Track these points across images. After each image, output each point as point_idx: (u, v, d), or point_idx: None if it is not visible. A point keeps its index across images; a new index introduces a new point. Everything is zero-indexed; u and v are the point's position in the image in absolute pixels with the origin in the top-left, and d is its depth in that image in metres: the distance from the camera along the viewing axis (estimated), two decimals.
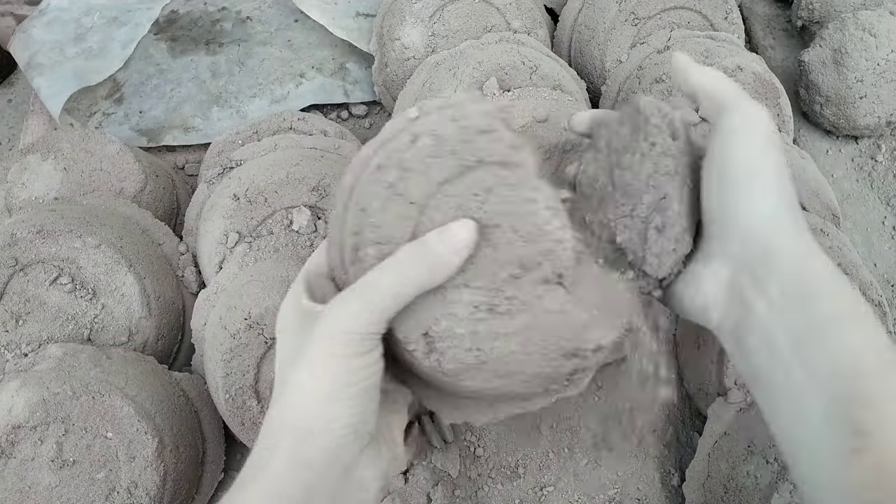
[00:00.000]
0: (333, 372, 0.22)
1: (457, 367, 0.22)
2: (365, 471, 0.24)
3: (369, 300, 0.22)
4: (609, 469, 0.42)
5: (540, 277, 0.22)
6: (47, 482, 0.35)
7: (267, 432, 0.23)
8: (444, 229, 0.22)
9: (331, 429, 0.22)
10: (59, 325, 0.41)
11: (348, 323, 0.22)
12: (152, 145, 0.59)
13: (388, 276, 0.22)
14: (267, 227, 0.42)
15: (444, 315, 0.22)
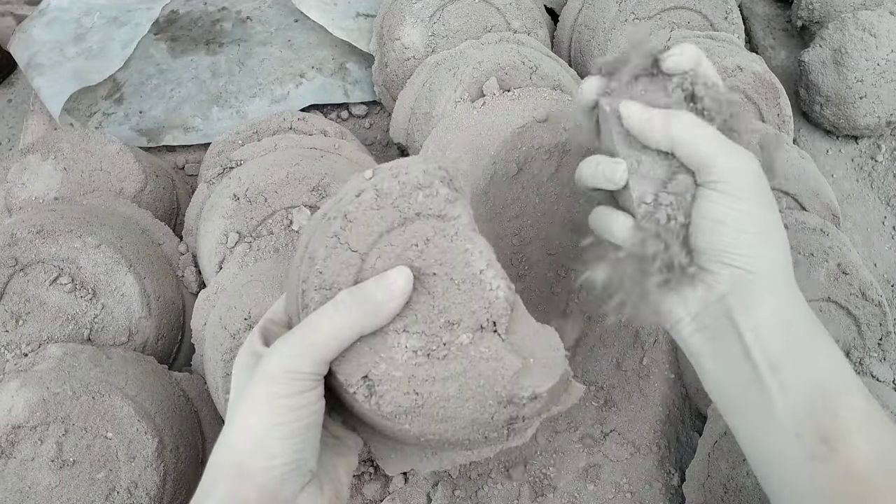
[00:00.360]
0: (273, 410, 0.23)
1: (395, 410, 0.23)
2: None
3: (309, 341, 0.23)
4: (609, 470, 0.42)
5: (474, 324, 0.23)
6: (47, 482, 0.35)
7: (207, 473, 0.24)
8: (381, 276, 0.23)
9: (270, 466, 0.23)
10: (59, 325, 0.41)
11: (288, 363, 0.23)
12: (152, 145, 0.59)
13: (327, 319, 0.23)
14: (267, 227, 0.42)
15: (384, 359, 0.23)
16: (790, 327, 0.26)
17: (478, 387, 0.23)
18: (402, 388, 0.23)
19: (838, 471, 0.23)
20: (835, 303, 0.42)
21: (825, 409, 0.24)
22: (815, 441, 0.24)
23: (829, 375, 0.25)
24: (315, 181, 0.43)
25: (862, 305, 0.42)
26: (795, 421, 0.24)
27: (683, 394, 0.45)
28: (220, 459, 0.24)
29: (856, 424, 0.24)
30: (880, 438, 0.24)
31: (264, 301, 0.37)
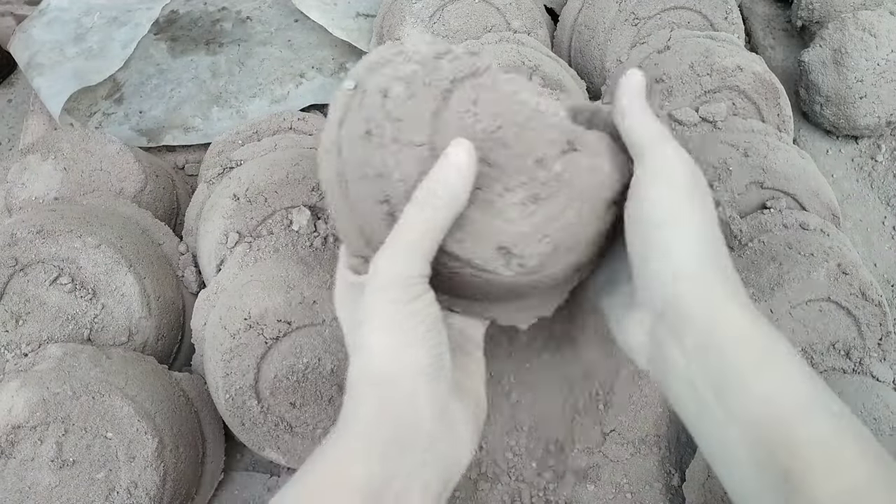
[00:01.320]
0: (395, 318, 0.23)
1: (537, 263, 0.24)
2: (456, 414, 0.24)
3: (406, 244, 0.23)
4: (609, 470, 0.42)
5: (558, 151, 0.24)
6: (47, 482, 0.35)
7: (351, 390, 0.24)
8: (442, 158, 0.23)
9: (409, 373, 0.23)
10: (59, 325, 0.41)
11: (395, 269, 0.23)
12: (152, 145, 0.59)
13: (416, 219, 0.23)
14: (267, 227, 0.42)
15: (505, 222, 0.23)
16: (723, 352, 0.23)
17: (590, 201, 0.24)
18: (536, 238, 0.23)
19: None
20: (835, 303, 0.42)
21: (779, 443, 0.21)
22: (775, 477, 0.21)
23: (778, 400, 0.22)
24: (315, 181, 0.43)
25: (862, 305, 0.42)
26: (753, 453, 0.22)
27: None
28: (359, 376, 0.23)
29: (819, 458, 0.21)
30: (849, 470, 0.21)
31: (264, 301, 0.38)
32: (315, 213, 0.43)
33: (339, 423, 0.24)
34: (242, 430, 0.39)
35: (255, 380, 0.38)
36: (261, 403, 0.38)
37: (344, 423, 0.23)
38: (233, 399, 0.38)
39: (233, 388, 0.38)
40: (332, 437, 0.23)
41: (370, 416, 0.23)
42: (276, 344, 0.38)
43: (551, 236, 0.24)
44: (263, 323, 0.37)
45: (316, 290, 0.38)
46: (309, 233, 0.42)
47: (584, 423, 0.41)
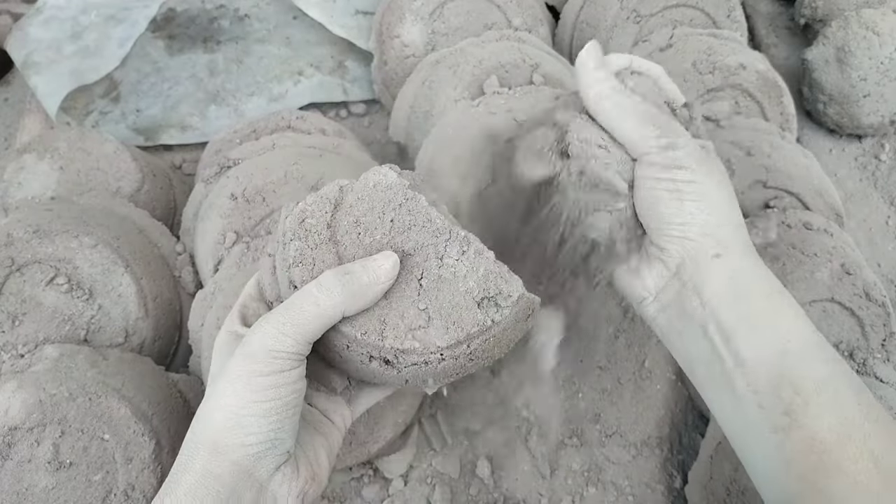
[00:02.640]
0: (252, 388, 0.23)
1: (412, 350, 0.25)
2: (280, 488, 0.24)
3: (293, 321, 0.23)
4: (612, 472, 0.42)
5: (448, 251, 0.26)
6: (44, 484, 0.34)
7: (183, 449, 0.24)
8: (367, 260, 0.24)
9: (245, 444, 0.23)
10: (56, 325, 0.40)
11: (270, 342, 0.23)
12: (149, 144, 0.58)
13: (312, 300, 0.23)
14: (265, 226, 0.42)
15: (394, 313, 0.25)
16: (744, 297, 0.25)
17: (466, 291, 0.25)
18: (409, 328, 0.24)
19: (801, 441, 0.23)
20: (838, 303, 0.41)
21: (784, 381, 0.24)
22: (777, 413, 0.24)
23: (788, 343, 0.24)
24: (313, 180, 0.42)
25: (865, 306, 0.41)
26: (757, 393, 0.24)
27: (685, 395, 0.45)
28: (196, 435, 0.24)
29: (817, 395, 0.23)
30: (842, 406, 0.23)
31: None
32: None
33: (167, 483, 0.24)
34: None
35: None
36: None
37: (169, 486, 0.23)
38: None
39: None
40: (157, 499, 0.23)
41: (193, 483, 0.23)
42: None
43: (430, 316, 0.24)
44: None
45: None
46: None
47: None
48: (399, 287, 0.24)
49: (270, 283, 0.27)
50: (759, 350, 0.24)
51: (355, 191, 0.26)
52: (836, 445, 0.23)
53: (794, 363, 0.24)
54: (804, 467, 0.23)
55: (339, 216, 0.25)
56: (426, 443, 0.42)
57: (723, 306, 0.25)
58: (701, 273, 0.26)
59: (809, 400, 0.23)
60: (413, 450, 0.41)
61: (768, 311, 0.25)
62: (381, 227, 0.25)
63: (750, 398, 0.24)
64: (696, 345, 0.26)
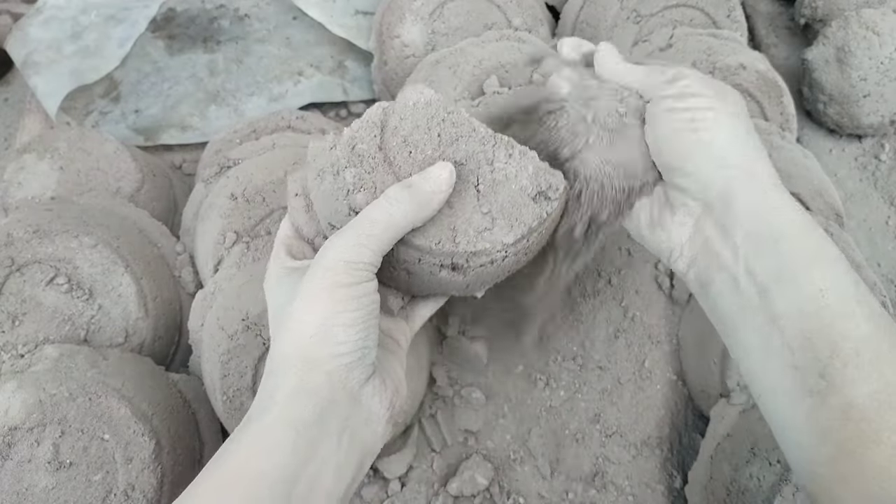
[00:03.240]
0: (335, 300, 0.23)
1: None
2: (371, 399, 0.25)
3: (367, 233, 0.24)
4: (612, 472, 0.42)
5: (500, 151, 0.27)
6: (44, 484, 0.34)
7: (270, 369, 0.24)
8: (426, 172, 0.25)
9: (337, 353, 0.23)
10: (56, 325, 0.40)
11: (347, 254, 0.23)
12: (149, 144, 0.58)
13: (382, 212, 0.24)
14: (265, 226, 0.42)
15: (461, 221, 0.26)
16: (780, 239, 0.23)
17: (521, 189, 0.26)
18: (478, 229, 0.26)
19: (836, 407, 0.21)
20: None
21: (822, 338, 0.22)
22: (812, 375, 0.21)
23: (826, 297, 0.22)
24: None
25: None
26: (792, 352, 0.22)
27: (686, 395, 0.45)
28: (283, 352, 0.24)
29: (856, 356, 0.21)
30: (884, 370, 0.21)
31: (262, 302, 0.37)
32: None
33: (256, 404, 0.24)
34: None
35: (253, 381, 0.38)
36: None
37: (260, 405, 0.23)
38: (230, 400, 0.37)
39: (230, 389, 0.37)
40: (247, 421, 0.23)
41: (288, 396, 0.23)
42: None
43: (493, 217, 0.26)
44: (261, 324, 0.37)
45: None
46: None
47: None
48: (458, 196, 0.25)
49: (307, 221, 0.28)
50: (796, 304, 0.22)
51: (397, 112, 0.27)
52: (875, 413, 0.21)
53: (833, 320, 0.21)
54: (840, 435, 0.21)
55: (387, 138, 0.26)
56: (426, 443, 0.42)
57: (757, 252, 0.23)
58: (730, 212, 0.23)
59: (848, 362, 0.21)
60: (413, 450, 0.41)
61: (806, 258, 0.22)
62: (430, 142, 0.26)
63: (785, 357, 0.22)
64: (728, 299, 0.24)
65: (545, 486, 0.41)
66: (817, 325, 0.22)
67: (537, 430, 0.43)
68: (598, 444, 0.43)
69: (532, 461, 0.42)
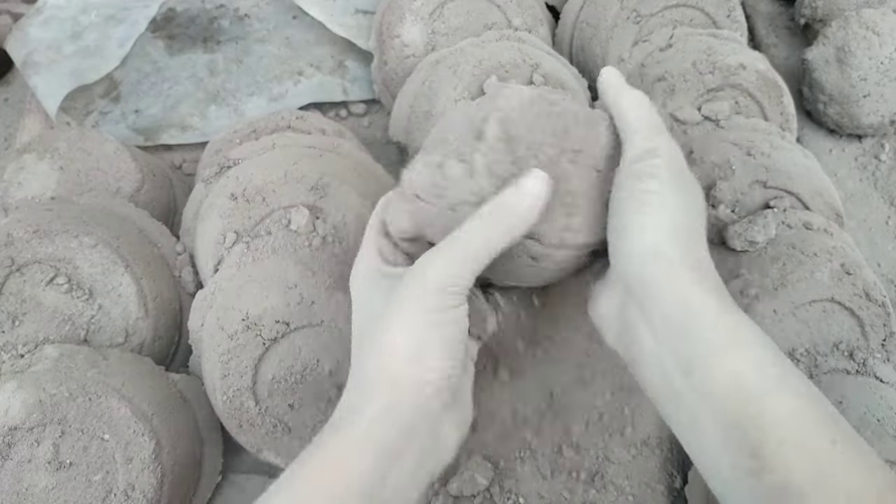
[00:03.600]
0: (429, 323, 0.23)
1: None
2: (447, 427, 0.24)
3: (463, 254, 0.23)
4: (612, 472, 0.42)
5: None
6: (44, 484, 0.34)
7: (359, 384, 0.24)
8: (518, 185, 0.24)
9: (426, 380, 0.23)
10: (56, 325, 0.40)
11: (441, 278, 0.23)
12: (149, 144, 0.58)
13: (479, 233, 0.23)
14: (265, 226, 0.42)
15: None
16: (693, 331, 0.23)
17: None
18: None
19: (773, 486, 0.21)
20: (838, 303, 0.41)
21: (748, 420, 0.21)
22: (746, 456, 0.21)
23: (747, 378, 0.22)
24: (314, 180, 0.42)
25: (865, 306, 0.41)
26: (723, 432, 0.22)
27: None
28: (372, 369, 0.24)
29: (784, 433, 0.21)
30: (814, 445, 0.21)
31: (262, 302, 0.37)
32: (314, 212, 0.42)
33: (340, 415, 0.24)
34: (240, 431, 0.38)
35: (253, 381, 0.38)
36: (259, 405, 0.38)
37: (346, 417, 0.23)
38: (230, 400, 0.37)
39: (230, 389, 0.37)
40: (331, 431, 0.23)
41: (376, 416, 0.23)
42: (274, 345, 0.38)
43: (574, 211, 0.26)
44: (261, 324, 0.37)
45: (315, 291, 0.38)
46: (307, 233, 0.42)
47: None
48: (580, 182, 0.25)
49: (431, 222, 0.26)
50: (720, 385, 0.22)
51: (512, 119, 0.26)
52: (811, 489, 0.20)
53: (758, 399, 0.21)
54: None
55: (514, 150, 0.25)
56: None
57: (675, 337, 0.23)
58: (648, 297, 0.24)
59: (779, 442, 0.21)
60: None
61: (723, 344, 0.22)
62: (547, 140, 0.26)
63: (718, 439, 0.22)
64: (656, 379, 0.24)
65: (545, 486, 0.41)
66: (743, 406, 0.22)
67: (538, 429, 0.43)
68: (599, 443, 0.43)
69: (532, 461, 0.42)
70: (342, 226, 0.42)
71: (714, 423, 0.22)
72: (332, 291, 0.37)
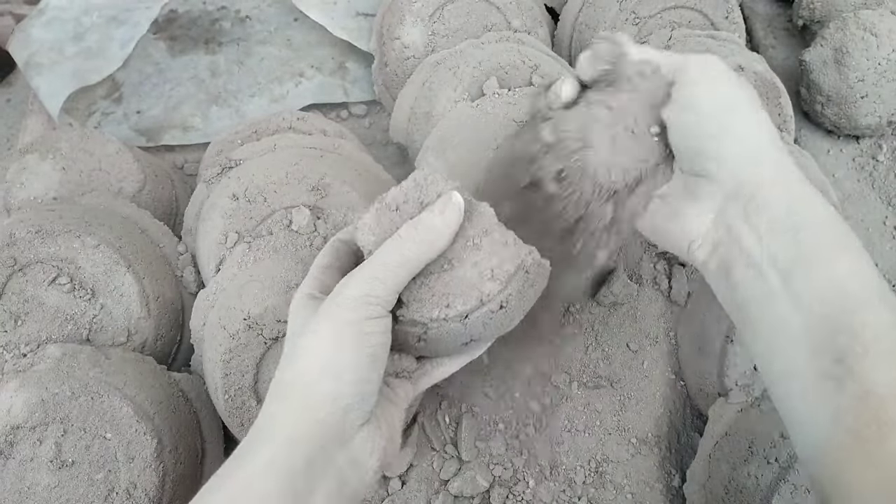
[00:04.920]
0: (343, 335, 0.23)
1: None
2: (364, 444, 0.24)
3: (381, 271, 0.24)
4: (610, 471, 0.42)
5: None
6: (46, 483, 0.35)
7: (274, 394, 0.24)
8: (436, 206, 0.25)
9: (338, 394, 0.23)
10: (58, 325, 0.41)
11: (359, 290, 0.23)
12: (151, 145, 0.58)
13: (395, 251, 0.24)
14: (266, 226, 0.42)
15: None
16: (804, 228, 0.23)
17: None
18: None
19: (854, 394, 0.21)
20: None
21: (842, 324, 0.21)
22: (831, 360, 0.21)
23: (849, 285, 0.22)
24: (315, 181, 0.43)
25: None
26: (812, 336, 0.22)
27: (684, 394, 0.45)
28: (285, 387, 0.24)
29: (876, 344, 0.21)
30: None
31: (264, 301, 0.37)
32: (315, 212, 0.42)
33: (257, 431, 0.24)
34: (242, 430, 0.39)
35: (255, 380, 0.38)
36: (260, 404, 0.38)
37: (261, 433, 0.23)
38: (232, 399, 0.38)
39: (232, 388, 0.37)
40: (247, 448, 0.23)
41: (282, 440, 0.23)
42: (275, 344, 0.38)
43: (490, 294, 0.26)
44: (263, 323, 0.37)
45: None
46: (309, 233, 0.42)
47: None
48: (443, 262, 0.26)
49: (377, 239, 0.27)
50: (819, 290, 0.22)
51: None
52: (893, 402, 0.20)
53: (855, 307, 0.22)
54: (856, 421, 0.21)
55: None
56: (426, 442, 0.42)
57: (781, 239, 0.23)
58: (757, 200, 0.23)
59: (868, 349, 0.21)
60: (413, 449, 0.41)
61: (830, 247, 0.23)
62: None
63: (804, 342, 0.22)
64: (750, 285, 0.24)
65: (545, 485, 0.41)
66: (839, 312, 0.22)
67: (538, 429, 0.43)
68: (598, 442, 0.43)
69: (533, 461, 0.42)
70: (343, 226, 0.42)
71: (805, 327, 0.22)
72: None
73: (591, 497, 0.41)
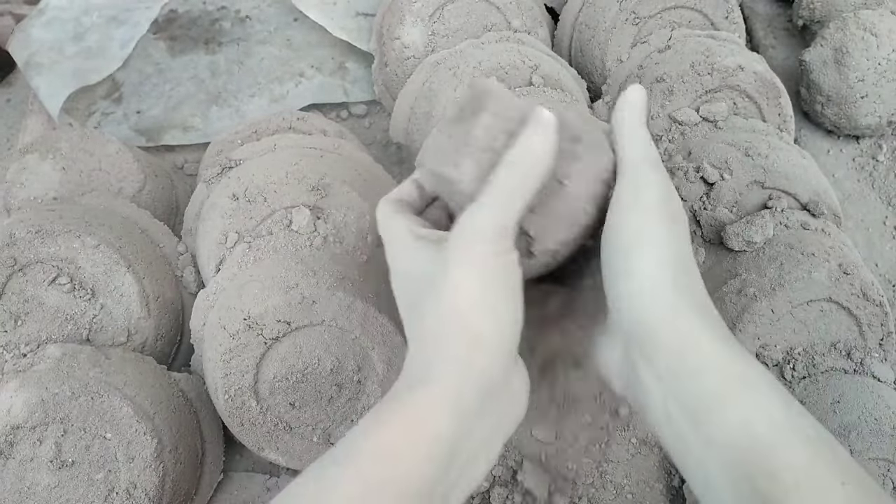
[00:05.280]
0: (486, 267, 0.22)
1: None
2: (517, 380, 0.23)
3: (502, 200, 0.22)
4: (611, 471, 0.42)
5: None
6: (46, 483, 0.35)
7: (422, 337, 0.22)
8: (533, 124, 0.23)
9: (500, 327, 0.22)
10: (58, 325, 0.41)
11: (492, 223, 0.22)
12: (151, 145, 0.58)
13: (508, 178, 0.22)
14: (266, 226, 0.42)
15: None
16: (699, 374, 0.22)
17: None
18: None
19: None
20: (836, 303, 0.42)
21: (758, 469, 0.20)
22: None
23: (758, 425, 0.21)
24: (315, 181, 0.43)
25: (863, 306, 0.42)
26: (732, 482, 0.21)
27: None
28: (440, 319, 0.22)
29: (795, 485, 0.20)
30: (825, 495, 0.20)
31: (264, 301, 0.37)
32: (315, 212, 0.42)
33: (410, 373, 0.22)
34: (242, 430, 0.39)
35: (255, 380, 0.38)
36: (260, 404, 0.38)
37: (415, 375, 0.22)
38: (232, 399, 0.38)
39: (232, 388, 0.38)
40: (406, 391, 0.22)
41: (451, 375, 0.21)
42: (275, 344, 0.38)
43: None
44: (263, 323, 0.37)
45: (316, 291, 0.38)
46: (309, 233, 0.42)
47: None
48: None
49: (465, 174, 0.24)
50: (727, 435, 0.21)
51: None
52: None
53: (768, 449, 0.21)
54: None
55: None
56: None
57: (680, 384, 0.22)
58: (653, 342, 0.22)
59: (789, 490, 0.20)
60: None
61: (729, 390, 0.22)
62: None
63: (726, 487, 0.21)
64: (664, 427, 0.23)
65: (545, 485, 0.41)
66: (750, 457, 0.21)
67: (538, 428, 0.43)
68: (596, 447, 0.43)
69: (533, 460, 0.42)
70: (343, 226, 0.42)
71: (723, 471, 0.21)
72: (333, 291, 0.38)
73: (591, 497, 0.41)
